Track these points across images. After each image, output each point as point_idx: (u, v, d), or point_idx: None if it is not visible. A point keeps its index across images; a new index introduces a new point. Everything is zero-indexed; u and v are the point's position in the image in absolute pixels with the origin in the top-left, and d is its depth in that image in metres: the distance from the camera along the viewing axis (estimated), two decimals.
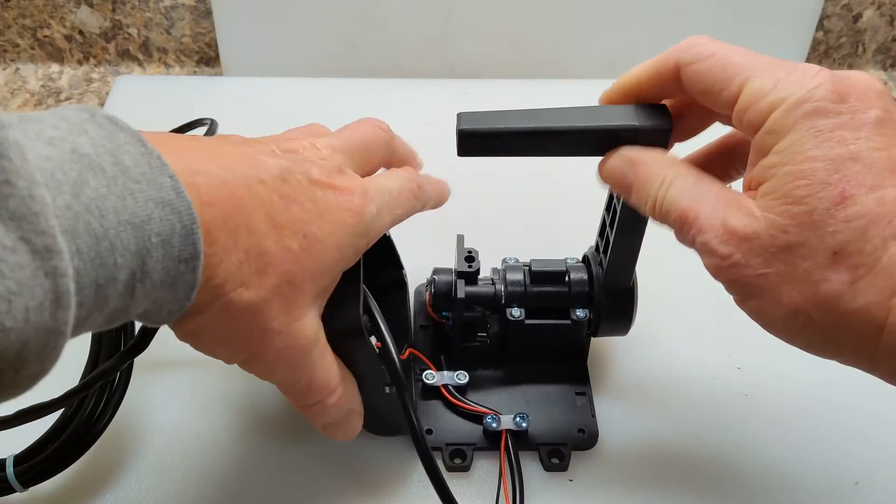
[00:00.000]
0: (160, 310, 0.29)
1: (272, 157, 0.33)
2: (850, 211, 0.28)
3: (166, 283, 0.28)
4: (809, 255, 0.29)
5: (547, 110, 0.36)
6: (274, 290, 0.32)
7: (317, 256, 0.33)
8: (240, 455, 0.45)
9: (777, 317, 0.31)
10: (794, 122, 0.29)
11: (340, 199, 0.34)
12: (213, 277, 0.30)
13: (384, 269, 0.47)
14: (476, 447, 0.44)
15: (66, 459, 0.41)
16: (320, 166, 0.35)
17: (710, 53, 0.32)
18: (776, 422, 0.46)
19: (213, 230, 0.29)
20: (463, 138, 0.36)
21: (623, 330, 0.46)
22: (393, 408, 0.38)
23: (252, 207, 0.31)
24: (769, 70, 0.31)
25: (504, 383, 0.47)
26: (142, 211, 0.26)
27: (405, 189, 0.38)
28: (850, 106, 0.29)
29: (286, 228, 0.32)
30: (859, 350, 0.30)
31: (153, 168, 0.27)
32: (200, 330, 0.32)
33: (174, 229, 0.27)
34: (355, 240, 0.35)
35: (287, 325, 0.33)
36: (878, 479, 0.44)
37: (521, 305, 0.45)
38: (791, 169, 0.29)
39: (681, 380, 0.48)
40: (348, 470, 0.44)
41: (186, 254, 0.28)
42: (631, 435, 0.46)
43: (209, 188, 0.29)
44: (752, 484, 0.44)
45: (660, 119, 0.35)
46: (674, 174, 0.33)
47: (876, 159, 0.29)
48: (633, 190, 0.35)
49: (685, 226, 0.32)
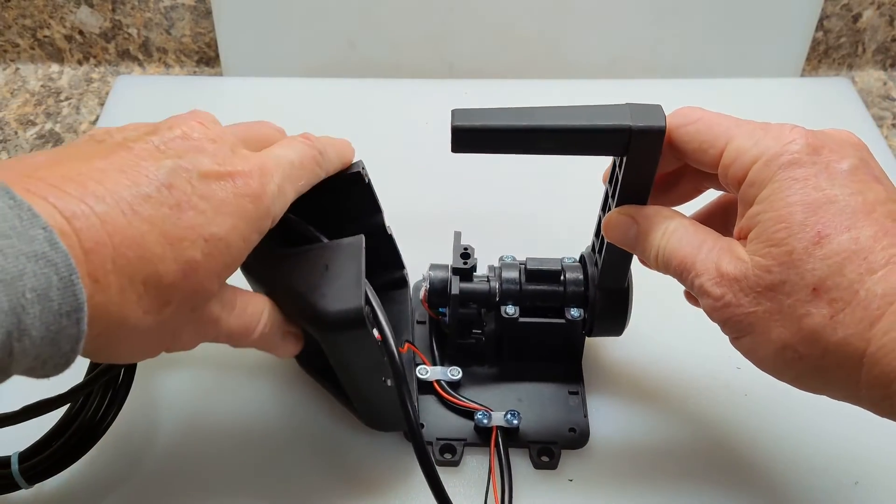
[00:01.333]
0: (44, 365, 0.27)
1: (155, 160, 0.31)
2: (827, 249, 0.30)
3: (47, 339, 0.26)
4: (792, 291, 0.31)
5: (541, 108, 0.36)
6: (177, 305, 0.31)
7: (221, 256, 0.32)
8: (237, 450, 0.45)
9: (768, 353, 0.33)
10: (773, 174, 0.32)
11: (238, 187, 0.33)
12: (112, 320, 0.29)
13: (386, 268, 0.48)
14: (467, 443, 0.45)
15: (71, 456, 0.41)
16: (211, 151, 0.33)
17: (698, 118, 0.35)
18: (776, 422, 0.46)
19: (103, 276, 0.28)
20: (457, 134, 0.36)
21: (618, 330, 0.46)
22: (390, 403, 0.39)
23: (141, 233, 0.29)
24: (749, 131, 0.34)
25: (497, 381, 0.47)
26: (12, 267, 0.25)
27: (306, 158, 0.38)
28: (823, 157, 0.32)
29: (184, 240, 0.31)
30: (845, 382, 0.31)
31: (23, 221, 0.26)
32: (102, 349, 0.31)
33: (51, 283, 0.26)
34: (259, 224, 0.34)
35: (197, 318, 0.34)
36: (878, 479, 0.44)
37: (515, 303, 0.45)
38: (772, 215, 0.32)
39: (679, 379, 0.49)
40: (342, 464, 0.44)
41: (68, 307, 0.26)
42: (624, 435, 0.46)
43: (89, 233, 0.28)
44: (752, 484, 0.44)
45: (653, 119, 0.35)
46: (674, 226, 0.36)
47: (850, 203, 0.31)
48: (637, 242, 0.37)
49: (685, 271, 0.35)
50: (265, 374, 0.48)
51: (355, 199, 0.44)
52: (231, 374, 0.48)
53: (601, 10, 0.68)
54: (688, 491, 0.43)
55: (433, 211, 0.42)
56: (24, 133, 0.68)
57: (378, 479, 0.44)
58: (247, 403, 0.47)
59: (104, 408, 0.41)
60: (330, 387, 0.45)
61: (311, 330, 0.38)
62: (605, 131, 0.35)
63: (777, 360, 0.32)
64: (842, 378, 0.31)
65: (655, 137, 0.35)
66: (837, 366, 0.31)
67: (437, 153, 0.44)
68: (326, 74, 0.70)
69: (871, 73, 0.76)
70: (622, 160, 0.37)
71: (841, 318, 0.30)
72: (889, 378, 0.29)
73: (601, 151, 0.37)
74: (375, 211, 0.45)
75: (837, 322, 0.30)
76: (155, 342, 0.33)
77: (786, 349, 0.32)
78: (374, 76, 0.70)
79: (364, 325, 0.37)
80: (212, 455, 0.44)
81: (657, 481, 0.44)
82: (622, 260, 0.42)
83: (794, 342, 0.31)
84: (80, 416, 0.41)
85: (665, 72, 0.71)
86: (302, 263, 0.38)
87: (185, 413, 0.46)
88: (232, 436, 0.45)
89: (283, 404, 0.47)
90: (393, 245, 0.47)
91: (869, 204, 0.31)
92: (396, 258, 0.48)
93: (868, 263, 0.30)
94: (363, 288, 0.37)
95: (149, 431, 0.45)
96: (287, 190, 0.36)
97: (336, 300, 0.36)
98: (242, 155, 0.34)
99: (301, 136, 0.39)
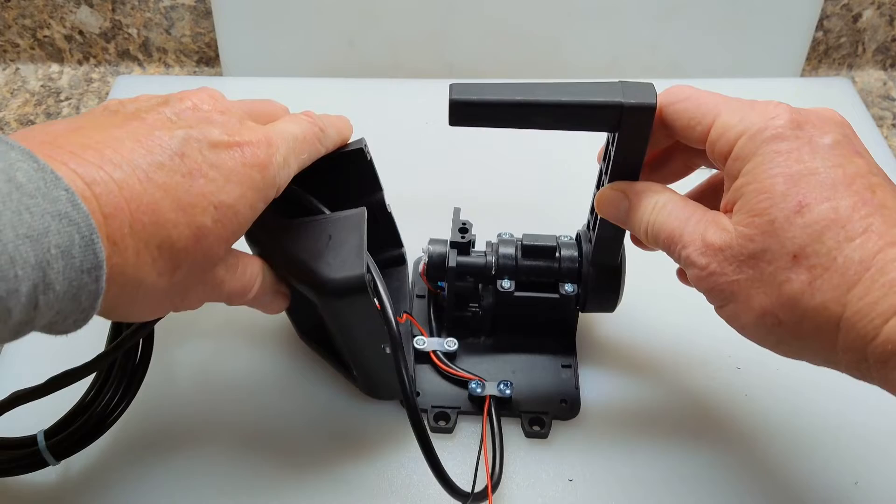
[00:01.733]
0: (65, 320, 0.29)
1: (167, 130, 0.33)
2: (807, 218, 0.31)
3: (69, 294, 0.28)
4: (773, 259, 0.32)
5: (537, 84, 0.37)
6: (188, 269, 0.33)
7: (230, 223, 0.34)
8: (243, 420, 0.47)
9: (749, 320, 0.33)
10: (757, 147, 0.33)
11: (246, 156, 0.34)
12: (128, 281, 0.30)
13: (385, 245, 0.50)
14: (461, 411, 0.46)
15: (96, 431, 0.42)
16: (220, 122, 0.35)
17: (687, 96, 0.36)
18: (776, 422, 0.46)
19: (120, 239, 0.29)
20: (454, 108, 0.37)
21: (610, 306, 0.47)
22: (387, 371, 0.40)
23: (156, 199, 0.31)
24: (735, 107, 0.35)
25: (492, 353, 0.49)
26: (39, 224, 0.26)
27: (308, 133, 0.39)
28: (806, 132, 0.33)
29: (195, 206, 0.32)
30: (823, 346, 0.32)
31: (47, 183, 0.27)
32: (116, 307, 0.32)
33: (73, 240, 0.27)
34: (265, 193, 0.35)
35: (205, 280, 0.35)
36: (877, 479, 0.44)
37: (511, 278, 0.46)
38: (755, 186, 0.33)
39: (669, 355, 0.50)
40: (342, 432, 0.46)
41: (88, 264, 0.28)
42: (614, 408, 0.47)
43: (108, 198, 0.29)
44: (752, 483, 0.44)
45: (644, 96, 0.36)
46: (664, 200, 0.37)
47: (831, 175, 0.32)
48: (628, 216, 0.39)
49: (672, 244, 0.36)
50: (268, 346, 0.50)
51: (357, 176, 0.46)
52: (237, 347, 0.50)
53: (601, 10, 0.68)
54: (677, 458, 0.45)
55: (439, 192, 0.43)
56: None
57: (375, 445, 0.45)
58: (250, 374, 0.48)
59: (124, 384, 0.42)
60: (330, 358, 0.46)
61: (313, 296, 0.39)
62: (598, 107, 0.36)
63: (758, 327, 0.33)
64: (820, 342, 0.32)
65: (646, 114, 0.36)
66: (816, 330, 0.31)
67: (437, 153, 0.44)
68: (326, 74, 0.70)
69: (871, 73, 0.76)
70: (614, 137, 0.38)
71: (819, 284, 0.31)
72: (864, 341, 0.30)
73: (594, 127, 0.38)
74: (376, 188, 0.47)
75: (816, 288, 0.31)
76: (166, 302, 0.35)
77: (766, 315, 0.33)
78: (374, 76, 0.70)
79: (366, 291, 0.38)
80: (219, 427, 0.46)
81: (645, 453, 0.45)
82: (615, 236, 0.43)
83: (775, 308, 0.32)
84: (103, 391, 0.42)
85: (665, 72, 0.71)
86: (306, 233, 0.40)
87: (198, 388, 0.48)
88: (239, 409, 0.47)
89: (283, 375, 0.48)
90: (392, 223, 0.49)
91: (849, 176, 0.32)
92: (395, 236, 0.50)
93: (846, 231, 0.31)
94: (365, 257, 0.38)
95: (165, 405, 0.47)
96: (291, 162, 0.37)
97: (339, 268, 0.38)
98: (250, 126, 0.36)
99: (303, 113, 0.41)
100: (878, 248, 0.30)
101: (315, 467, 0.44)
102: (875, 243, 0.30)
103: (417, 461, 0.41)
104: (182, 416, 0.46)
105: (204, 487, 0.43)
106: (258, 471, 0.44)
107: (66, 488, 0.43)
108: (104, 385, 0.42)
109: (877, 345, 0.30)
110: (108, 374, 0.42)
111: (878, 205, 0.31)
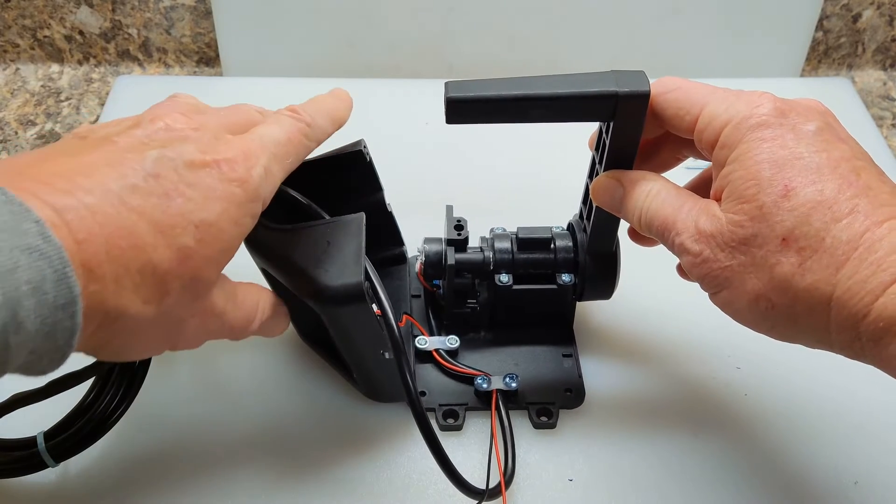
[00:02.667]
0: (40, 360, 0.27)
1: (139, 151, 0.31)
2: (794, 201, 0.32)
3: (42, 333, 0.26)
4: (763, 243, 0.33)
5: (531, 78, 0.38)
6: (178, 294, 0.32)
7: (214, 241, 0.32)
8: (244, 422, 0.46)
9: (743, 305, 0.34)
10: (742, 135, 0.34)
11: (224, 174, 0.33)
12: (109, 310, 0.29)
13: (386, 244, 0.50)
14: (468, 407, 0.46)
15: (95, 433, 0.42)
16: (195, 140, 0.33)
17: (677, 86, 0.37)
18: (776, 421, 0.46)
19: (97, 266, 0.28)
20: (450, 105, 0.37)
21: (607, 294, 0.47)
22: (391, 375, 0.40)
23: (132, 222, 0.29)
24: (722, 97, 0.36)
25: (493, 347, 0.49)
26: (6, 260, 0.25)
27: (293, 133, 0.37)
28: (790, 120, 0.34)
29: (175, 227, 0.31)
30: (815, 327, 0.32)
31: (16, 215, 0.26)
32: (105, 344, 0.31)
33: (45, 275, 0.26)
34: (249, 208, 0.34)
35: (198, 309, 0.34)
36: (877, 478, 0.44)
37: (508, 272, 0.47)
38: (742, 173, 0.33)
39: (666, 338, 0.50)
40: (346, 435, 0.46)
41: (62, 299, 0.26)
42: (618, 393, 0.48)
43: (80, 224, 0.28)
44: (752, 483, 0.44)
45: (638, 84, 0.37)
46: (658, 188, 0.38)
47: (815, 159, 0.33)
48: (622, 204, 0.39)
49: (666, 231, 0.36)
50: (268, 347, 0.49)
51: (357, 177, 0.46)
52: (237, 348, 0.48)
53: (601, 12, 0.68)
54: (681, 442, 0.45)
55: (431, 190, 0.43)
56: (25, 133, 0.68)
57: (377, 446, 0.45)
58: (251, 375, 0.48)
59: (124, 387, 0.42)
60: (331, 359, 0.46)
61: (312, 304, 0.39)
62: (593, 97, 0.37)
63: (752, 311, 0.34)
64: (813, 324, 0.32)
65: (641, 102, 0.37)
66: (808, 312, 0.32)
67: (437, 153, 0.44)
68: (326, 74, 0.70)
69: (871, 73, 0.76)
70: (609, 126, 0.39)
71: (809, 265, 0.31)
72: (855, 319, 0.31)
73: (590, 117, 0.39)
74: (376, 188, 0.47)
75: (806, 269, 0.32)
76: (160, 336, 0.34)
77: (759, 299, 0.33)
78: (374, 76, 0.70)
79: (363, 300, 0.38)
80: (219, 428, 0.46)
81: (652, 437, 0.45)
82: (610, 225, 0.44)
83: (767, 292, 0.33)
84: (102, 394, 0.41)
85: (665, 72, 0.70)
86: (305, 239, 0.40)
87: (198, 389, 0.48)
88: (239, 410, 0.47)
89: (284, 376, 0.48)
90: (393, 222, 0.50)
91: (833, 160, 0.33)
92: (396, 235, 0.50)
93: (833, 213, 0.31)
94: (363, 264, 0.38)
95: (165, 407, 0.47)
96: (275, 171, 0.35)
97: (337, 275, 0.38)
98: (226, 141, 0.34)
99: (287, 109, 0.39)
100: (865, 227, 0.31)
101: (316, 468, 0.44)
102: (862, 223, 0.31)
103: (418, 461, 0.41)
104: (182, 419, 0.46)
105: (204, 488, 0.43)
106: (259, 472, 0.44)
107: (65, 490, 0.43)
108: (104, 387, 0.41)
109: (868, 322, 0.30)
110: (108, 376, 0.41)
111: (863, 186, 0.32)
